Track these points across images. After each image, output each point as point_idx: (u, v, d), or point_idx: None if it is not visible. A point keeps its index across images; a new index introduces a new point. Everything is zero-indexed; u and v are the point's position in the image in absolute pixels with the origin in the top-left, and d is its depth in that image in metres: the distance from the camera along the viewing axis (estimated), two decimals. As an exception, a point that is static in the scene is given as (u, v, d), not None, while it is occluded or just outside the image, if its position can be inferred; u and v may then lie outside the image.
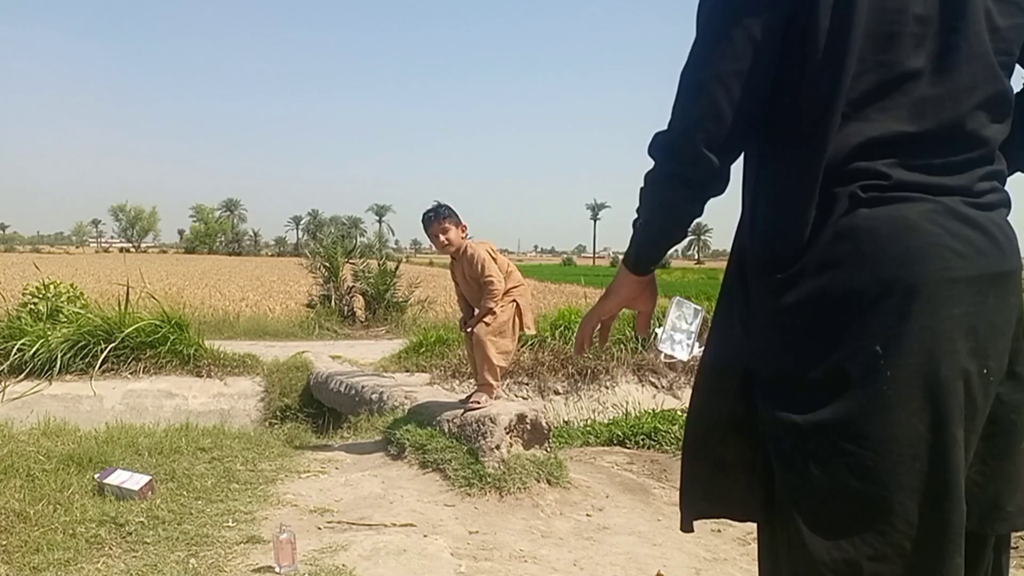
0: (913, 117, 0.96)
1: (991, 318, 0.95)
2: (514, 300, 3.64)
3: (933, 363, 0.90)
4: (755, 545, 2.85)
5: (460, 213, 3.75)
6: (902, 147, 0.96)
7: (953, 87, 0.97)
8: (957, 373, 0.91)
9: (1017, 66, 1.06)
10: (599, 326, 1.21)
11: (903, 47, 0.96)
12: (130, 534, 2.46)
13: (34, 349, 5.84)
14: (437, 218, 3.61)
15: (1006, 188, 1.04)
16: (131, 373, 6.04)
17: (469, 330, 3.68)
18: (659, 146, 1.04)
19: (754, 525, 1.13)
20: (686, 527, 1.16)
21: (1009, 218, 1.03)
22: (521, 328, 3.71)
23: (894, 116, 0.96)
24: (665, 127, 1.03)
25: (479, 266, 3.53)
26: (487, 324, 3.56)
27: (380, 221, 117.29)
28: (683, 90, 1.02)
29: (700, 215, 1.08)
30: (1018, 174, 1.14)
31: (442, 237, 3.59)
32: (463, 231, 3.66)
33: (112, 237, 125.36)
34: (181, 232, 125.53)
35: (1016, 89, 1.06)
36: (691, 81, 1.01)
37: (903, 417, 0.91)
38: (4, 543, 2.32)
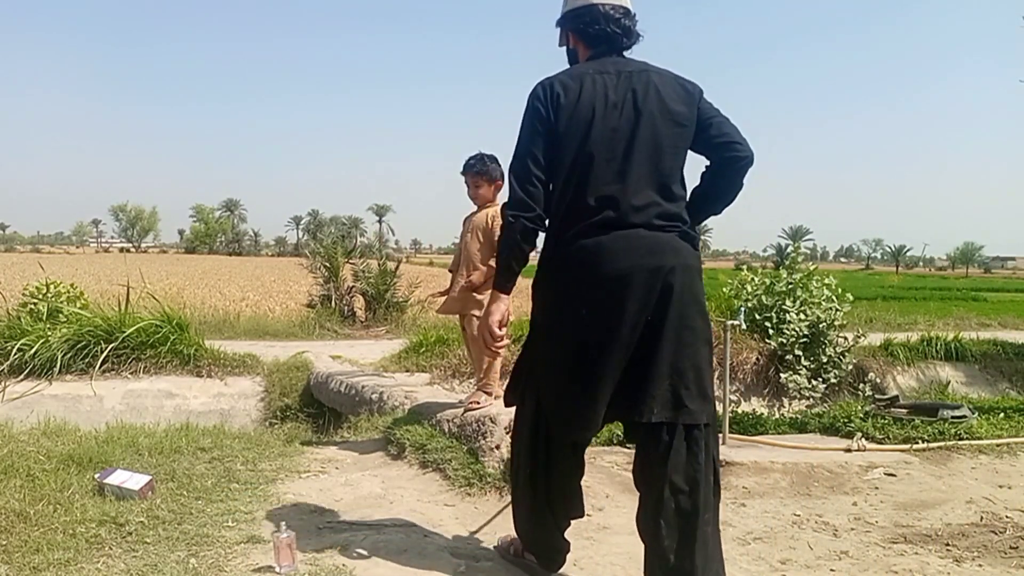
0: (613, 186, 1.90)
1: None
2: None
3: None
4: (755, 545, 2.85)
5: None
6: (607, 204, 1.88)
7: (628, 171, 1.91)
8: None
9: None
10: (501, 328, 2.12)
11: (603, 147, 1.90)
12: (130, 534, 2.46)
13: (34, 349, 5.82)
14: (472, 171, 3.61)
15: (677, 224, 1.93)
16: (131, 373, 6.02)
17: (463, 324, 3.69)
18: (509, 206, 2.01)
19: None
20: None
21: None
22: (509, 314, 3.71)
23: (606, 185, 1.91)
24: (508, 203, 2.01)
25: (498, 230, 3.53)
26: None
27: (380, 221, 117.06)
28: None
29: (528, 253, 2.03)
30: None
31: (472, 190, 3.64)
32: (494, 190, 3.64)
33: (112, 237, 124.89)
34: (181, 232, 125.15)
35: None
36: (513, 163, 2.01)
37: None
38: (4, 543, 2.32)
